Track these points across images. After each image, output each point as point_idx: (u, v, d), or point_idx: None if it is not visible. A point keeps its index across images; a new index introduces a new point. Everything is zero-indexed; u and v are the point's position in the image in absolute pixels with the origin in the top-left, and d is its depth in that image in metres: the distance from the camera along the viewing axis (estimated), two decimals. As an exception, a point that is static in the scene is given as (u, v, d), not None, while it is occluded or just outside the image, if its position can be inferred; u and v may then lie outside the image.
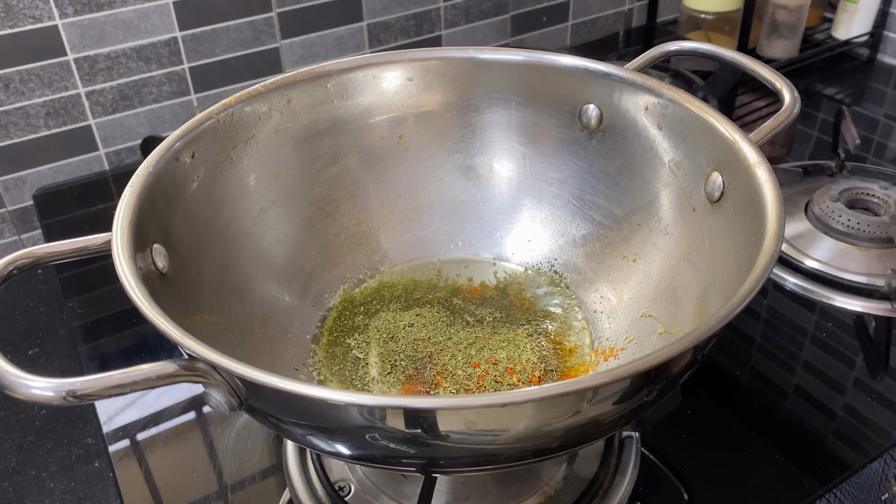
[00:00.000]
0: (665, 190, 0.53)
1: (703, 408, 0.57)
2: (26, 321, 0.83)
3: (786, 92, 0.51)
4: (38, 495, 0.72)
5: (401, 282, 0.59)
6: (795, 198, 0.77)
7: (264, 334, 0.51)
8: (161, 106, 0.88)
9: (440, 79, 0.59)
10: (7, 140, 0.81)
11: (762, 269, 0.37)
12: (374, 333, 0.54)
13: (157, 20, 0.83)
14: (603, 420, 0.36)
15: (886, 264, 0.68)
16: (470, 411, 0.32)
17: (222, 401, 0.34)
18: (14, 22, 0.76)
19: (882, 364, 0.61)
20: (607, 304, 0.56)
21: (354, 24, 0.95)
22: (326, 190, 0.58)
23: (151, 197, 0.44)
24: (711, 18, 1.03)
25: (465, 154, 0.61)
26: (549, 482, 0.50)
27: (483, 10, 1.03)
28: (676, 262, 0.52)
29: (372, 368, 0.52)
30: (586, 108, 0.56)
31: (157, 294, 0.37)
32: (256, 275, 0.53)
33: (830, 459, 0.53)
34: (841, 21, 1.07)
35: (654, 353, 0.33)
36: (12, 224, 0.86)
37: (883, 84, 1.03)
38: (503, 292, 0.58)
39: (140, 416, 0.58)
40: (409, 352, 0.53)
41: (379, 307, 0.57)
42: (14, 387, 0.32)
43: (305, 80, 0.56)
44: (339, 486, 0.50)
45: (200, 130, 0.50)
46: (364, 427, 0.33)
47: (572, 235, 0.59)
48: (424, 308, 0.57)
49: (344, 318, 0.56)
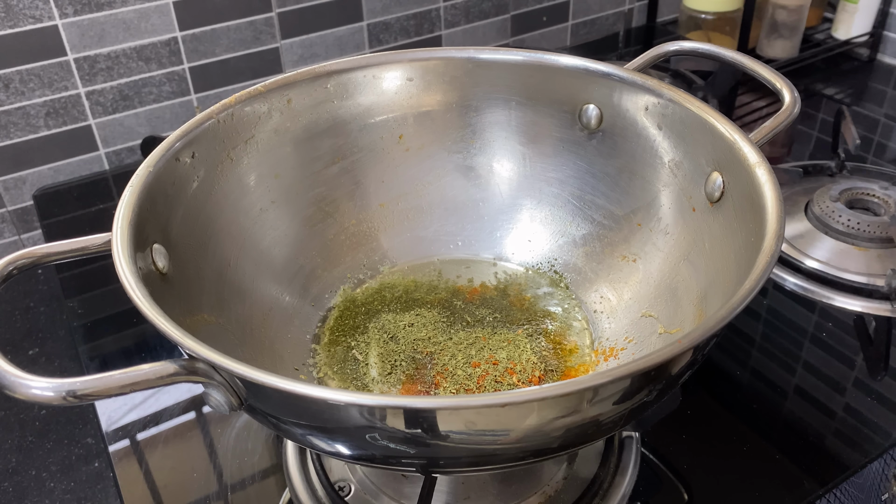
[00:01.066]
0: (665, 190, 0.53)
1: (703, 408, 0.57)
2: (26, 321, 0.83)
3: (786, 92, 0.51)
4: (38, 495, 0.72)
5: (402, 282, 0.59)
6: (795, 198, 0.77)
7: (264, 334, 0.51)
8: (161, 106, 0.88)
9: (440, 79, 0.59)
10: (7, 140, 0.81)
11: (762, 269, 0.37)
12: (375, 334, 0.55)
13: (157, 20, 0.83)
14: (603, 420, 0.36)
15: (886, 264, 0.68)
16: (470, 411, 0.32)
17: (222, 401, 0.34)
18: (14, 22, 0.76)
19: (882, 364, 0.61)
20: (607, 304, 0.56)
21: (354, 24, 0.95)
22: (326, 190, 0.58)
23: (151, 197, 0.44)
24: (711, 18, 1.03)
25: (465, 154, 0.61)
26: (549, 482, 0.50)
27: (483, 10, 1.03)
28: (676, 262, 0.52)
29: (372, 369, 0.52)
30: (586, 108, 0.56)
31: (157, 294, 0.37)
32: (256, 275, 0.53)
33: (830, 459, 0.53)
34: (841, 21, 1.07)
35: (654, 353, 0.33)
36: (12, 224, 0.86)
37: (883, 84, 1.03)
38: (503, 293, 0.58)
39: (140, 416, 0.58)
40: (409, 352, 0.53)
41: (380, 307, 0.57)
42: (14, 387, 0.32)
43: (305, 80, 0.56)
44: (339, 486, 0.50)
45: (200, 130, 0.50)
46: (364, 427, 0.33)
47: (572, 235, 0.59)
48: (424, 308, 0.57)
49: (345, 318, 0.56)
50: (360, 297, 0.58)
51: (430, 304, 0.57)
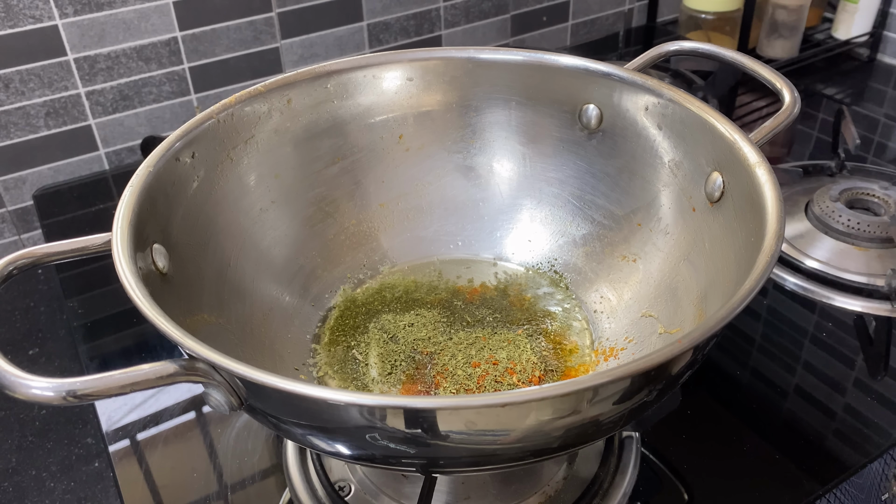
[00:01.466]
0: (665, 190, 0.53)
1: (703, 408, 0.57)
2: (26, 321, 0.83)
3: (786, 92, 0.51)
4: (38, 495, 0.72)
5: (402, 282, 0.59)
6: (795, 198, 0.77)
7: (264, 334, 0.51)
8: (161, 106, 0.88)
9: (440, 79, 0.59)
10: (7, 140, 0.81)
11: (762, 269, 0.37)
12: (375, 334, 0.55)
13: (157, 20, 0.83)
14: (603, 420, 0.36)
15: (886, 264, 0.68)
16: (470, 411, 0.32)
17: (222, 401, 0.34)
18: (14, 22, 0.76)
19: (882, 364, 0.61)
20: (607, 304, 0.56)
21: (354, 24, 0.95)
22: (326, 190, 0.58)
23: (151, 197, 0.44)
24: (711, 18, 1.03)
25: (465, 154, 0.61)
26: (549, 482, 0.50)
27: (483, 10, 1.03)
28: (676, 262, 0.52)
29: (372, 369, 0.52)
30: (586, 108, 0.56)
31: (157, 294, 0.37)
32: (256, 275, 0.53)
33: (830, 459, 0.53)
34: (841, 21, 1.07)
35: (654, 354, 0.33)
36: (12, 224, 0.86)
37: (883, 84, 1.03)
38: (503, 293, 0.58)
39: (140, 416, 0.58)
40: (409, 352, 0.53)
41: (380, 307, 0.57)
42: (14, 387, 0.32)
43: (305, 80, 0.56)
44: (339, 486, 0.50)
45: (200, 130, 0.50)
46: (364, 427, 0.33)
47: (572, 235, 0.59)
48: (424, 308, 0.57)
49: (346, 318, 0.56)
50: (360, 297, 0.58)
51: (430, 305, 0.57)
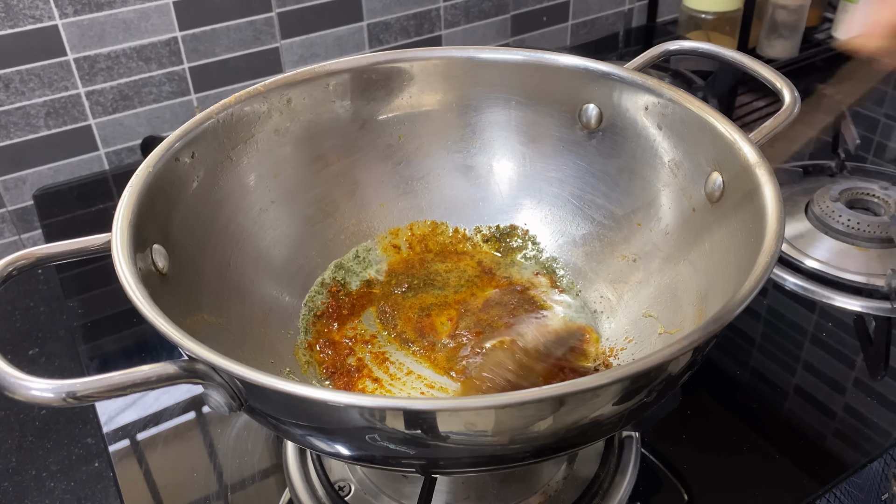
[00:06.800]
0: (665, 190, 0.53)
1: (703, 408, 0.57)
2: (26, 321, 0.83)
3: (786, 92, 0.51)
4: (38, 495, 0.72)
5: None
6: (795, 198, 0.77)
7: (264, 334, 0.51)
8: (161, 106, 0.88)
9: (440, 79, 0.59)
10: (7, 140, 0.81)
11: (762, 269, 0.37)
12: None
13: (157, 20, 0.83)
14: (603, 420, 0.36)
15: (886, 264, 0.68)
16: (470, 412, 0.32)
17: (222, 402, 0.34)
18: (14, 22, 0.76)
19: (882, 364, 0.61)
20: (607, 304, 0.56)
21: (354, 24, 0.95)
22: (326, 190, 0.58)
23: (151, 197, 0.44)
24: (711, 18, 1.03)
25: (465, 154, 0.61)
26: (549, 482, 0.50)
27: (483, 10, 1.03)
28: (676, 262, 0.52)
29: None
30: (586, 107, 0.56)
31: (156, 294, 0.37)
32: (256, 275, 0.53)
33: (830, 459, 0.53)
34: (841, 21, 1.07)
35: (654, 354, 0.33)
36: (12, 224, 0.86)
37: (883, 84, 1.03)
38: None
39: (140, 416, 0.58)
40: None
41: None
42: (14, 388, 0.32)
43: (305, 80, 0.55)
44: (339, 486, 0.50)
45: (200, 130, 0.50)
46: (364, 428, 0.33)
47: (572, 235, 0.59)
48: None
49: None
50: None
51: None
